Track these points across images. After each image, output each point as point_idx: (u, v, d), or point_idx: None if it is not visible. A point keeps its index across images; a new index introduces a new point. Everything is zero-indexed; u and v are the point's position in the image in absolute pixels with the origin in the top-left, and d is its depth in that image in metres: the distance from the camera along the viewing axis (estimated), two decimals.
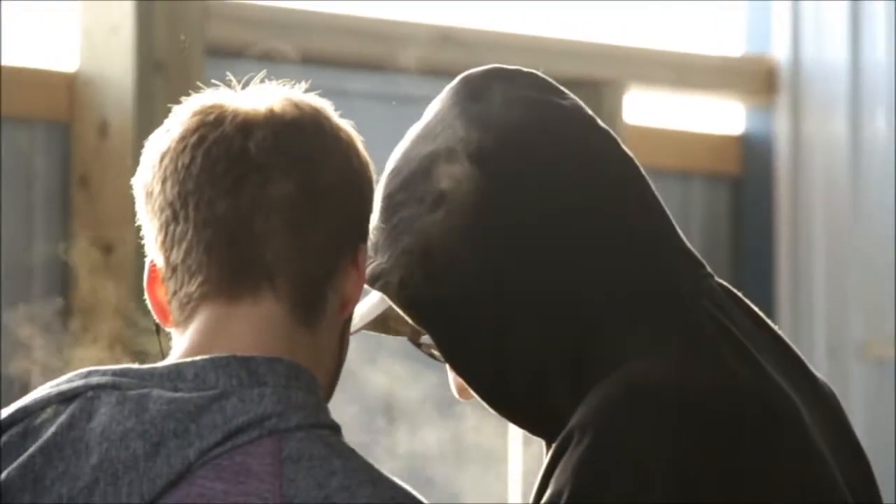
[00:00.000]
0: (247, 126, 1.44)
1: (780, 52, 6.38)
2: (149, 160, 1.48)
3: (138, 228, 1.50)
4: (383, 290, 1.70)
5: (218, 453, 1.32)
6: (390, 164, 1.76)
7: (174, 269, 1.44)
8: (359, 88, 4.86)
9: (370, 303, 1.76)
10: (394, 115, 4.94)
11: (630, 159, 1.77)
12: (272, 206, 1.43)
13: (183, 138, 1.44)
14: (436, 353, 1.73)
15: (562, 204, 1.70)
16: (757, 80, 6.38)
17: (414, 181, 1.73)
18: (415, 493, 1.38)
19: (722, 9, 6.57)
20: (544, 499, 1.59)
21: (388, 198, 1.73)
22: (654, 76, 6.17)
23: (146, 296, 1.49)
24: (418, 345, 1.80)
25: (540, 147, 1.72)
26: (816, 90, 6.32)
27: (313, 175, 1.46)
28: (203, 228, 1.43)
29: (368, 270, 1.69)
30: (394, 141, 1.64)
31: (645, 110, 6.43)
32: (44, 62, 4.82)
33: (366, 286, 1.69)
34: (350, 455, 1.37)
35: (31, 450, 1.35)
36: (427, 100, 1.77)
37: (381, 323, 1.79)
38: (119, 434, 1.33)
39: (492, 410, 1.74)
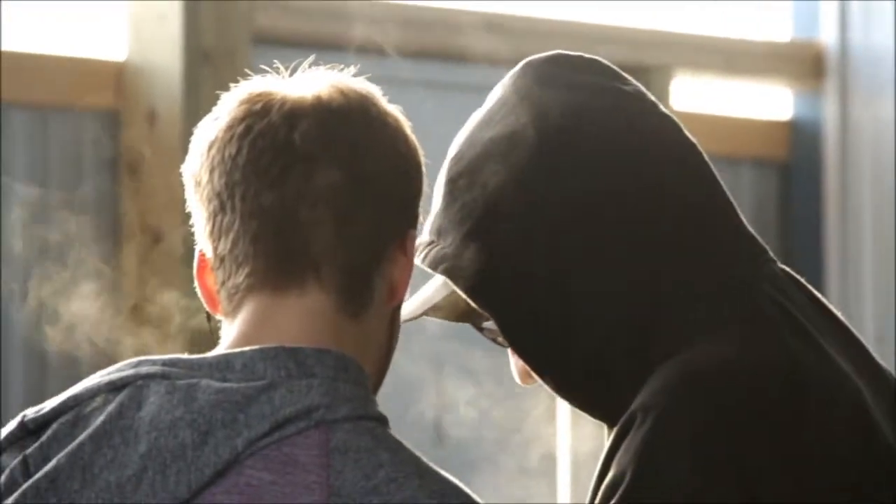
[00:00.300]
0: (293, 115, 1.43)
1: (827, 37, 6.34)
2: (197, 149, 1.47)
3: (187, 216, 1.50)
4: (447, 273, 1.71)
5: (266, 444, 1.32)
6: (453, 150, 1.76)
7: (222, 260, 1.44)
8: (405, 76, 4.86)
9: (433, 287, 1.77)
10: (440, 103, 4.98)
11: (693, 144, 1.77)
12: (318, 196, 1.42)
13: (230, 128, 1.44)
14: (499, 338, 1.73)
15: (625, 188, 1.70)
16: (805, 65, 6.34)
17: (477, 166, 1.73)
18: (462, 485, 1.37)
19: None
20: (607, 480, 1.59)
21: (451, 182, 1.74)
22: (701, 62, 6.15)
23: (196, 284, 1.50)
24: (481, 329, 1.80)
25: (602, 131, 1.72)
26: (864, 75, 6.27)
27: (359, 163, 1.45)
28: (249, 219, 1.42)
29: (432, 255, 1.70)
30: (440, 128, 1.63)
31: (692, 96, 6.40)
32: (93, 52, 4.85)
33: (430, 270, 1.71)
34: (397, 447, 1.37)
35: (81, 438, 1.36)
36: (472, 87, 1.78)
37: (445, 308, 1.80)
38: (168, 423, 1.33)
39: (555, 394, 1.75)
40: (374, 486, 1.31)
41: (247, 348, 1.38)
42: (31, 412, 1.41)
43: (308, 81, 1.49)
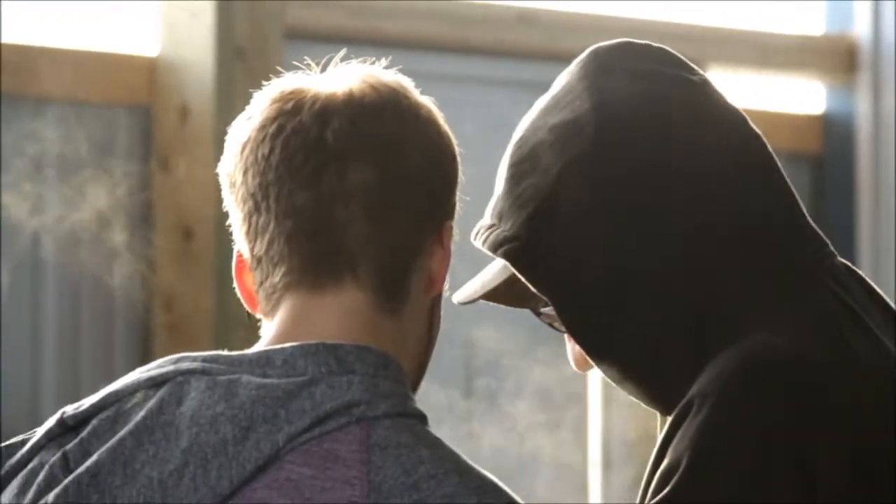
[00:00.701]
0: (324, 113, 1.44)
1: (860, 31, 6.31)
2: (231, 149, 1.49)
3: (219, 212, 1.51)
4: (507, 257, 1.72)
5: (306, 439, 1.33)
6: (517, 135, 1.78)
7: (259, 260, 1.45)
8: (437, 70, 4.86)
9: (492, 271, 1.79)
10: (471, 97, 4.98)
11: (757, 136, 1.80)
12: (351, 194, 1.43)
13: (262, 127, 1.45)
14: (556, 323, 1.74)
15: (686, 176, 1.71)
16: (837, 58, 6.32)
17: (540, 151, 1.74)
18: (501, 484, 1.38)
19: None
20: (662, 467, 1.60)
21: (514, 166, 1.75)
22: (734, 56, 6.13)
23: (235, 284, 1.51)
24: (538, 314, 1.82)
25: (663, 120, 1.74)
26: None
27: (392, 159, 1.46)
28: (284, 220, 1.43)
29: (492, 237, 1.72)
30: (472, 122, 1.63)
31: (725, 90, 6.29)
32: (125, 47, 4.86)
33: (490, 253, 1.72)
34: (437, 444, 1.37)
35: (122, 433, 1.37)
36: (504, 81, 1.80)
37: (503, 292, 1.81)
38: (209, 418, 1.34)
39: (610, 381, 1.76)
40: (413, 482, 1.31)
41: (287, 345, 1.39)
42: (70, 409, 1.42)
43: (339, 77, 1.50)
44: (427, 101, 1.52)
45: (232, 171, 1.48)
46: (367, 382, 1.37)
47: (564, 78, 1.80)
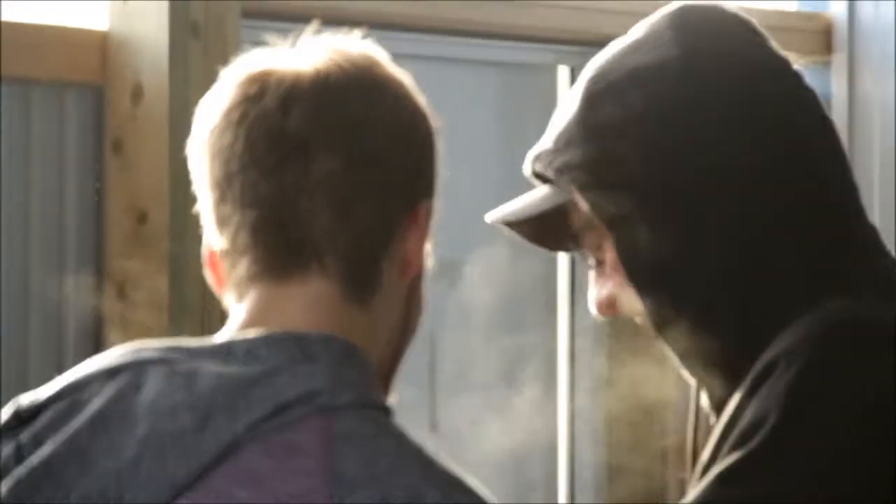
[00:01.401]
0: (288, 98, 1.45)
1: (836, 10, 6.34)
2: (197, 134, 1.50)
3: (174, 196, 1.53)
4: (575, 181, 1.80)
5: (266, 428, 1.34)
6: (592, 70, 1.88)
7: (226, 250, 1.47)
8: (401, 50, 4.80)
9: (539, 195, 1.84)
10: (437, 77, 4.96)
11: (827, 116, 1.91)
12: (316, 184, 1.44)
13: (227, 113, 1.46)
14: (602, 265, 1.80)
15: (756, 139, 1.78)
16: (812, 38, 6.34)
17: (620, 87, 1.82)
18: (464, 477, 1.39)
19: None
20: (743, 423, 1.62)
21: (590, 98, 1.84)
22: None
23: (206, 272, 1.52)
24: (578, 249, 1.86)
25: (746, 85, 1.83)
26: (873, 49, 6.27)
27: (357, 143, 1.46)
28: (249, 210, 1.45)
29: (557, 163, 1.78)
30: (436, 102, 1.64)
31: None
32: (75, 21, 4.78)
33: (550, 177, 1.82)
34: (400, 436, 1.39)
35: (78, 424, 1.37)
36: (474, 61, 1.84)
37: (532, 224, 1.85)
38: (167, 408, 1.35)
39: (664, 329, 1.79)
40: (375, 473, 1.32)
41: (250, 334, 1.41)
42: (25, 399, 1.43)
43: (306, 54, 1.51)
44: (399, 75, 1.53)
45: (198, 158, 1.49)
46: (331, 372, 1.38)
47: (648, 26, 1.89)
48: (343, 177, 1.44)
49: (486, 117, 5.58)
